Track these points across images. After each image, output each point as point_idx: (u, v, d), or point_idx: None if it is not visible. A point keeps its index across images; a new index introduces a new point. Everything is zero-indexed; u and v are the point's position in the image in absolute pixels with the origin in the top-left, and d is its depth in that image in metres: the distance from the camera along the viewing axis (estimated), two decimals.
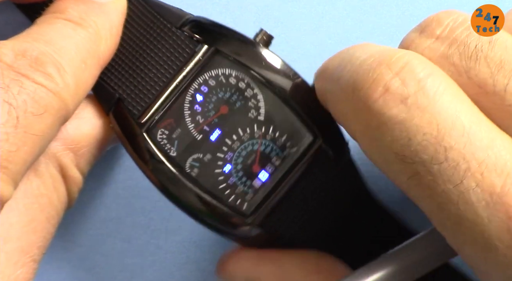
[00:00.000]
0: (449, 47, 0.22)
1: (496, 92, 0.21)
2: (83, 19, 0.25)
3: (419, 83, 0.21)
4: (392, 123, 0.21)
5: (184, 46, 0.26)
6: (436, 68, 0.21)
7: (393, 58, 0.21)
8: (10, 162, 0.22)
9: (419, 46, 0.22)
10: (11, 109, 0.22)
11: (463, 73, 0.21)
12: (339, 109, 0.23)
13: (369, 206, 0.27)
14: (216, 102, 0.26)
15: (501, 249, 0.20)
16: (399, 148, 0.21)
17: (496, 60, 0.21)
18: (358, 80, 0.22)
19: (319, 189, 0.26)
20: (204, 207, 0.26)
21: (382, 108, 0.21)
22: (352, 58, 0.23)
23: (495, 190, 0.20)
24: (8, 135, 0.22)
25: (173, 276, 0.30)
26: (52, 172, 0.25)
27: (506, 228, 0.19)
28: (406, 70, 0.21)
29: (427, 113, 0.20)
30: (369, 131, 0.21)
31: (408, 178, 0.21)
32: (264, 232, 0.26)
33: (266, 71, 0.26)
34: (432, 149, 0.20)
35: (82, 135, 0.26)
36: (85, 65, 0.24)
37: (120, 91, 0.26)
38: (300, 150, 0.25)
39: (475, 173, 0.20)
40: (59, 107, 0.23)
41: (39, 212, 0.25)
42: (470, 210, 0.20)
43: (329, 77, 0.24)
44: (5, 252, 0.24)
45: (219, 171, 0.26)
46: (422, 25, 0.23)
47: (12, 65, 0.23)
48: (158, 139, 0.26)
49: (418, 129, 0.20)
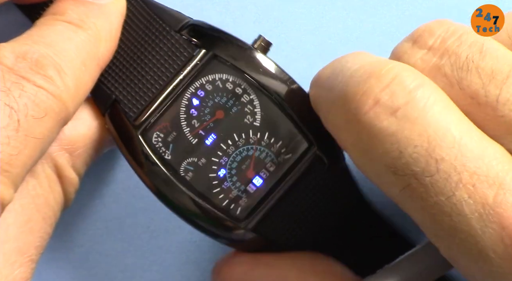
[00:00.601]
0: (441, 58, 0.22)
1: (488, 102, 0.21)
2: (83, 21, 0.25)
3: (409, 95, 0.21)
4: (383, 136, 0.21)
5: (182, 49, 0.26)
6: (426, 80, 0.21)
7: (383, 70, 0.21)
8: (11, 166, 0.22)
9: (411, 58, 0.22)
10: (12, 112, 0.22)
11: (455, 84, 0.21)
12: (331, 120, 0.23)
13: (364, 212, 0.27)
14: (212, 106, 0.26)
15: (495, 260, 0.20)
16: (390, 160, 0.21)
17: (487, 70, 0.21)
18: (348, 92, 0.22)
19: (314, 196, 0.26)
20: (197, 211, 0.26)
21: (373, 121, 0.21)
22: (344, 68, 0.23)
23: (487, 201, 0.20)
24: (9, 139, 0.22)
25: (173, 276, 0.30)
26: (48, 172, 0.26)
27: (499, 239, 0.19)
28: (395, 82, 0.21)
29: (418, 125, 0.20)
30: (360, 143, 0.21)
31: (400, 190, 0.21)
32: (258, 237, 0.26)
33: (263, 77, 0.26)
34: (423, 161, 0.20)
35: (78, 136, 0.26)
36: (85, 67, 0.24)
37: (116, 92, 0.26)
38: (295, 157, 0.25)
39: (467, 185, 0.20)
40: (59, 110, 0.23)
41: (35, 212, 0.25)
42: (463, 221, 0.20)
43: (322, 86, 0.24)
44: (2, 253, 0.24)
45: (214, 175, 0.26)
46: (414, 35, 0.23)
47: (13, 68, 0.23)
48: (153, 142, 0.26)
49: (409, 141, 0.20)
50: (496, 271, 0.20)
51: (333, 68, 0.23)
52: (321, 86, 0.24)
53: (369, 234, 0.27)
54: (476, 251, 0.20)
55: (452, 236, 0.20)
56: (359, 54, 0.23)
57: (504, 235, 0.19)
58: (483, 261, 0.20)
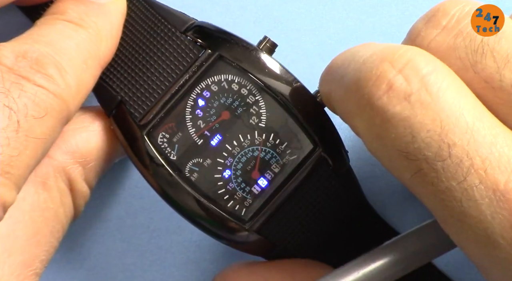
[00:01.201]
0: (455, 39, 0.22)
1: (502, 87, 0.21)
2: (83, 20, 0.25)
3: (422, 80, 0.21)
4: (396, 120, 0.21)
5: (188, 50, 0.26)
6: (440, 64, 0.21)
7: (396, 55, 0.21)
8: (12, 167, 0.22)
9: (426, 38, 0.22)
10: (12, 113, 0.22)
11: (469, 67, 0.21)
12: (344, 107, 0.23)
13: (366, 215, 0.27)
14: (218, 107, 0.26)
15: (504, 246, 0.20)
16: (402, 145, 0.21)
17: (502, 54, 0.21)
18: (361, 78, 0.21)
19: (318, 197, 0.26)
20: (202, 212, 0.26)
21: (386, 105, 0.21)
22: (355, 56, 0.23)
23: (498, 187, 0.20)
24: (9, 140, 0.22)
25: (173, 276, 0.30)
26: (60, 186, 0.25)
27: (509, 225, 0.20)
28: (409, 66, 0.21)
29: (431, 110, 0.20)
30: (373, 128, 0.21)
31: (411, 175, 0.21)
32: (261, 238, 0.26)
33: (268, 78, 0.26)
34: (435, 146, 0.20)
35: (91, 148, 0.26)
36: (86, 65, 0.24)
37: (122, 93, 0.26)
38: (300, 158, 0.25)
39: (479, 170, 0.20)
40: (60, 109, 0.23)
41: (44, 226, 0.25)
42: (474, 207, 0.20)
43: (333, 77, 0.24)
44: (8, 265, 0.24)
45: (219, 176, 0.26)
46: (429, 14, 0.23)
47: (13, 67, 0.22)
48: (158, 142, 0.26)
49: (422, 126, 0.20)
50: (505, 258, 0.20)
51: (344, 58, 0.23)
52: (333, 76, 0.24)
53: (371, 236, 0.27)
54: (485, 237, 0.20)
55: (462, 222, 0.20)
56: (370, 43, 0.23)
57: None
58: (492, 247, 0.20)
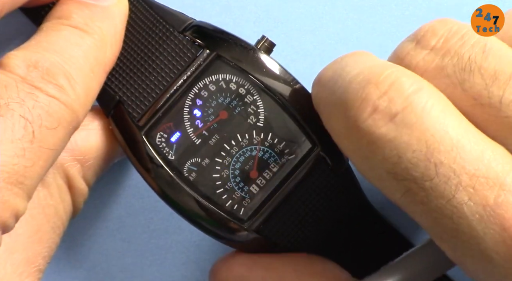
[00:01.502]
0: (443, 59, 0.22)
1: (491, 104, 0.21)
2: (88, 25, 0.25)
3: (407, 100, 0.21)
4: (382, 142, 0.21)
5: (186, 50, 0.26)
6: (425, 83, 0.21)
7: (381, 77, 0.21)
8: (26, 178, 0.22)
9: (414, 58, 0.22)
10: (27, 123, 0.22)
11: (458, 85, 0.21)
12: (332, 126, 0.23)
13: (365, 213, 0.27)
14: (216, 107, 0.26)
15: (498, 260, 0.20)
16: (390, 166, 0.21)
17: (490, 71, 0.21)
18: (348, 99, 0.22)
19: (317, 196, 0.26)
20: (200, 211, 0.26)
21: (371, 127, 0.21)
22: (343, 72, 0.23)
23: (488, 203, 0.20)
24: (24, 151, 0.22)
25: (173, 276, 0.30)
26: (59, 183, 0.26)
27: (501, 240, 0.20)
28: (394, 88, 0.21)
29: (416, 130, 0.20)
30: (360, 150, 0.21)
31: (401, 195, 0.21)
32: (260, 237, 0.26)
33: (266, 78, 0.26)
34: (422, 166, 0.20)
35: (90, 147, 0.26)
36: (93, 73, 0.24)
37: (120, 93, 0.26)
38: (298, 158, 0.25)
39: (467, 187, 0.20)
40: (71, 119, 0.23)
41: (45, 222, 0.25)
42: (465, 223, 0.20)
43: (323, 89, 0.24)
44: (11, 263, 0.24)
45: (217, 175, 0.26)
46: (417, 35, 0.23)
47: (26, 77, 0.23)
48: (157, 142, 0.26)
49: (408, 146, 0.20)
50: (499, 272, 0.20)
51: (333, 71, 0.23)
52: (322, 88, 0.24)
53: (370, 236, 0.27)
54: (478, 253, 0.20)
55: (455, 238, 0.20)
56: (359, 55, 0.23)
57: (506, 236, 0.20)
58: (486, 262, 0.20)
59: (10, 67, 0.23)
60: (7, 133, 0.21)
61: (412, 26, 0.23)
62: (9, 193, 0.21)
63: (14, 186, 0.21)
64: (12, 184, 0.21)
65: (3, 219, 0.21)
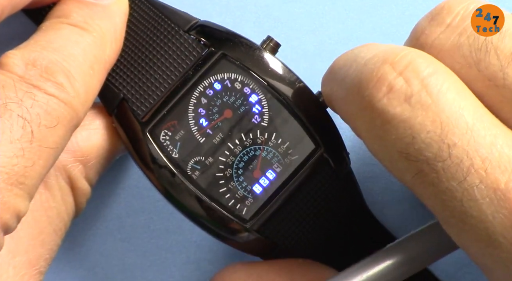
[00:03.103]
0: (459, 37, 0.22)
1: (505, 85, 0.21)
2: (87, 24, 0.25)
3: (423, 82, 0.21)
4: (396, 122, 0.21)
5: (191, 49, 0.26)
6: (441, 66, 0.21)
7: (397, 57, 0.21)
8: (26, 178, 0.22)
9: (430, 36, 0.22)
10: (26, 123, 0.22)
11: (473, 65, 0.21)
12: (345, 108, 0.23)
13: (365, 218, 0.27)
14: (221, 106, 0.26)
15: (505, 245, 0.20)
16: (403, 146, 0.21)
17: (506, 52, 0.21)
18: (362, 80, 0.22)
19: (319, 198, 0.26)
20: (202, 210, 0.26)
21: (386, 107, 0.21)
22: (357, 58, 0.23)
23: (499, 187, 0.20)
24: (23, 151, 0.22)
25: (173, 276, 0.30)
26: (61, 184, 0.25)
27: (510, 224, 0.20)
28: (409, 69, 0.21)
29: (431, 111, 0.20)
30: (374, 129, 0.21)
31: (412, 176, 0.21)
32: (262, 238, 0.26)
33: (271, 78, 0.26)
34: (435, 147, 0.20)
35: (92, 147, 0.26)
36: (93, 71, 0.24)
37: (124, 91, 0.26)
38: (302, 158, 0.26)
39: (479, 170, 0.20)
40: (71, 117, 0.23)
41: (47, 225, 0.25)
42: (474, 207, 0.20)
43: (335, 77, 0.24)
44: (13, 266, 0.24)
45: (220, 174, 0.26)
46: (433, 12, 0.23)
47: (24, 76, 0.22)
48: (161, 140, 0.26)
49: (422, 127, 0.20)
50: (506, 257, 0.20)
51: (346, 58, 0.23)
52: (334, 76, 0.24)
53: (368, 239, 0.27)
54: (486, 237, 0.20)
55: (463, 222, 0.20)
56: (372, 44, 0.24)
57: None
58: (493, 247, 0.20)
59: (8, 66, 0.23)
60: (6, 133, 0.21)
61: (412, 26, 0.23)
62: (9, 194, 0.21)
63: (14, 187, 0.21)
64: (12, 184, 0.21)
65: (4, 220, 0.21)
